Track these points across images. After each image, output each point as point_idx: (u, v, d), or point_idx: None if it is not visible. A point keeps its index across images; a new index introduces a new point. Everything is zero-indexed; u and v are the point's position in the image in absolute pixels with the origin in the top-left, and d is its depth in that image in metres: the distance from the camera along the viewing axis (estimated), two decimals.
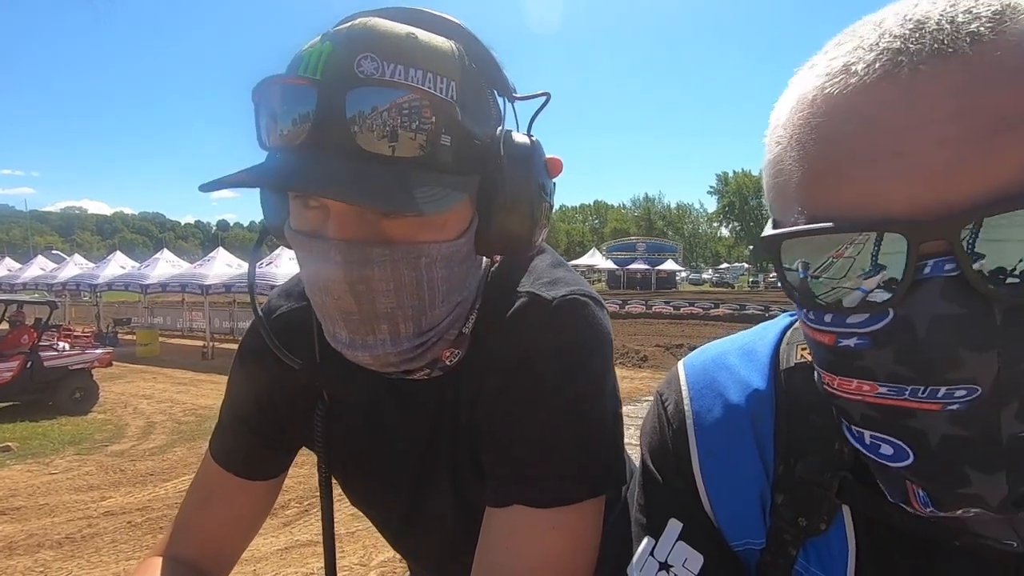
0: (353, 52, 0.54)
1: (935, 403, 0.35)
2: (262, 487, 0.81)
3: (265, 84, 0.56)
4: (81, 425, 7.62)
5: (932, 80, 0.34)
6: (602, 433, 0.66)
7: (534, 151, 0.65)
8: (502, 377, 0.66)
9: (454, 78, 0.57)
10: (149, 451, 6.46)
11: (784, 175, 0.40)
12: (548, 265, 0.72)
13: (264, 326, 0.72)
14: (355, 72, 0.53)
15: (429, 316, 0.62)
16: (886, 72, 0.35)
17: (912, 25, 0.35)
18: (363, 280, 0.57)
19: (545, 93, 0.66)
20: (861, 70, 0.36)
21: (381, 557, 3.88)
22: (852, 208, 0.36)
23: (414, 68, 0.55)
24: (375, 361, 0.62)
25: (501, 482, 0.65)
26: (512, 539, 0.62)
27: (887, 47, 0.35)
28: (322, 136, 0.53)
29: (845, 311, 0.38)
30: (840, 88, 0.37)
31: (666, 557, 0.54)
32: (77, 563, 3.91)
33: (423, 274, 0.59)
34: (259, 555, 3.95)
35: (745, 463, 0.53)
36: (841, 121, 0.36)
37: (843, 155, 0.36)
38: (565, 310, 0.66)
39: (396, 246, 0.57)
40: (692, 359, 0.61)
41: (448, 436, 0.72)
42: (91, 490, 5.26)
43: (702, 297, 29.33)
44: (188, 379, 10.97)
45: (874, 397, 0.38)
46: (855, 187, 0.35)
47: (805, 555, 0.51)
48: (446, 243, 0.60)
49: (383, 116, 0.52)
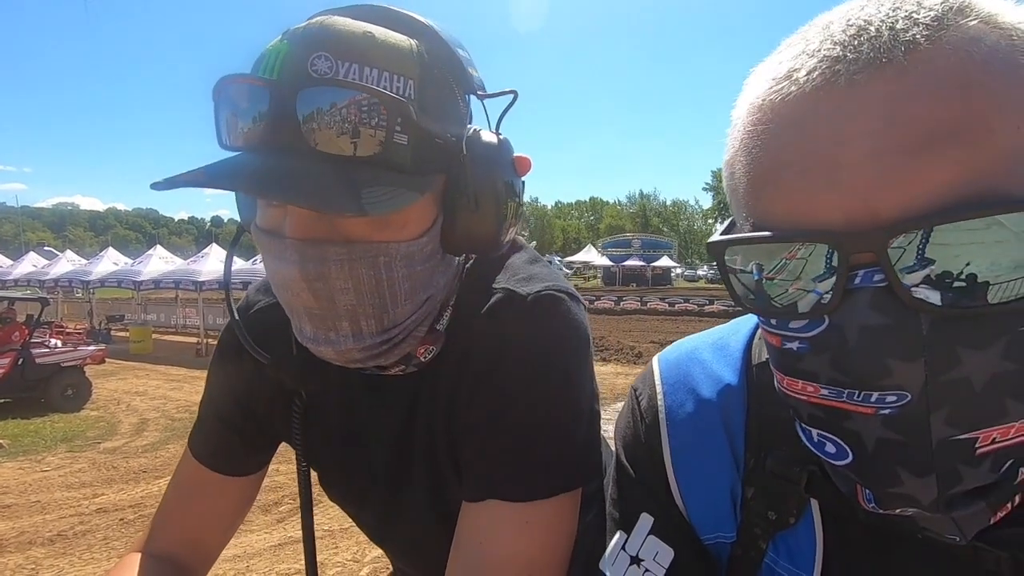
0: (308, 51, 0.54)
1: (869, 407, 0.36)
2: (242, 483, 0.81)
3: (223, 83, 0.56)
4: (73, 422, 7.58)
5: (866, 91, 0.34)
6: (578, 428, 0.66)
7: (500, 149, 0.64)
8: (477, 373, 0.66)
9: (412, 76, 0.57)
10: (142, 448, 6.44)
11: (734, 179, 0.42)
12: (524, 262, 0.72)
13: (236, 321, 0.72)
14: (308, 71, 0.53)
15: (392, 314, 0.62)
16: (824, 81, 0.35)
17: (853, 31, 0.35)
18: (320, 278, 0.57)
19: (512, 91, 0.66)
20: (802, 78, 0.36)
21: (375, 553, 3.88)
22: (788, 218, 0.37)
23: (369, 67, 0.55)
24: (339, 356, 0.62)
25: (475, 477, 0.65)
26: (486, 533, 0.63)
27: (827, 54, 0.35)
28: (275, 136, 0.53)
29: (786, 315, 0.39)
30: (781, 96, 0.37)
31: (637, 551, 0.54)
32: (69, 560, 3.90)
33: (382, 273, 0.59)
34: (252, 551, 3.96)
35: (716, 457, 0.54)
36: (781, 130, 0.37)
37: (782, 164, 0.37)
38: (540, 306, 0.66)
39: (353, 245, 0.57)
40: (667, 354, 0.61)
41: (424, 432, 0.72)
42: (83, 487, 5.24)
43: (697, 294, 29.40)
44: (182, 376, 10.93)
45: (817, 398, 0.39)
46: (792, 197, 0.36)
47: (775, 548, 0.51)
48: (406, 242, 0.60)
49: (335, 116, 0.52)
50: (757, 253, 0.39)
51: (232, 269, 0.77)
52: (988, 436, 0.35)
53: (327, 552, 3.91)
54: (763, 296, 0.39)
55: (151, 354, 13.79)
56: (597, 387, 0.71)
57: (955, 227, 0.32)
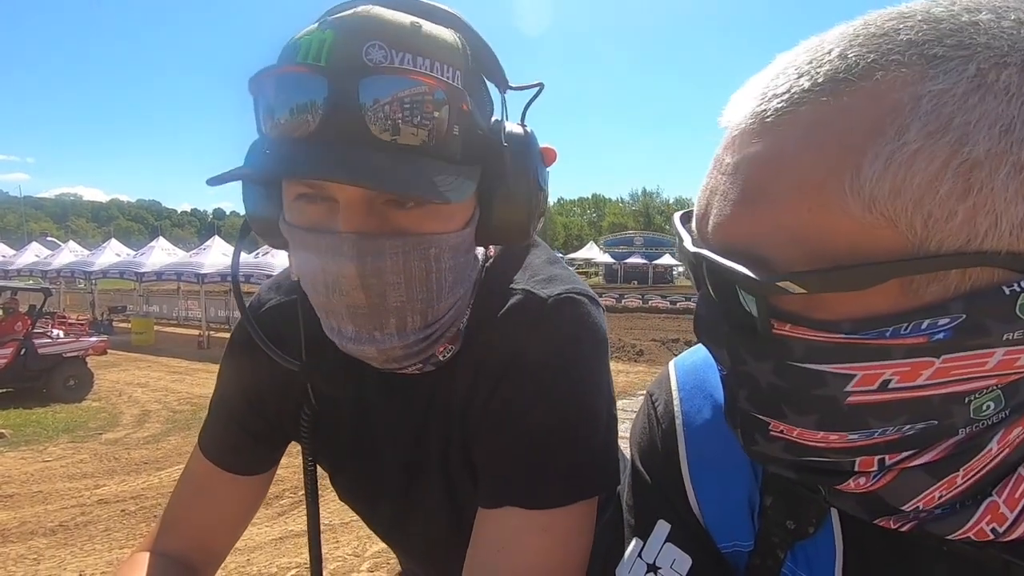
0: (360, 40, 0.53)
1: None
2: (252, 482, 0.81)
3: (266, 73, 0.54)
4: (75, 413, 7.60)
5: (752, 141, 0.37)
6: (596, 434, 0.65)
7: (531, 141, 0.65)
8: (495, 376, 0.66)
9: (459, 68, 0.57)
10: (143, 439, 6.46)
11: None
12: (543, 262, 0.72)
13: (252, 324, 0.71)
14: (364, 60, 0.52)
15: (435, 309, 0.61)
16: (755, 121, 0.37)
17: (797, 66, 0.37)
18: (376, 273, 0.56)
19: (539, 83, 0.66)
20: (749, 109, 0.38)
21: (375, 548, 3.89)
22: (721, 240, 0.40)
23: (422, 57, 0.54)
24: (380, 356, 0.61)
25: (493, 483, 0.65)
26: (503, 540, 0.62)
27: (764, 92, 0.38)
28: (334, 126, 0.52)
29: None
30: (725, 122, 0.40)
31: (654, 559, 0.54)
32: (70, 551, 3.92)
33: (432, 265, 0.59)
34: (253, 545, 3.97)
35: (733, 465, 0.53)
36: (721, 159, 0.40)
37: (716, 191, 0.40)
38: (560, 309, 0.66)
39: (407, 237, 0.57)
40: (683, 359, 0.61)
41: (438, 433, 0.72)
42: (85, 478, 5.26)
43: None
44: (183, 368, 10.95)
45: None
46: (721, 221, 0.40)
47: (793, 558, 0.50)
48: (454, 233, 0.60)
49: (396, 105, 0.52)
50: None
51: (238, 266, 0.75)
52: (776, 425, 0.40)
53: (328, 546, 3.92)
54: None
55: (153, 346, 13.82)
56: (614, 392, 0.70)
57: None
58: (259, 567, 3.72)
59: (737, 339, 0.40)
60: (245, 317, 0.72)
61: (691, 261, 0.41)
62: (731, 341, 0.40)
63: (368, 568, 3.72)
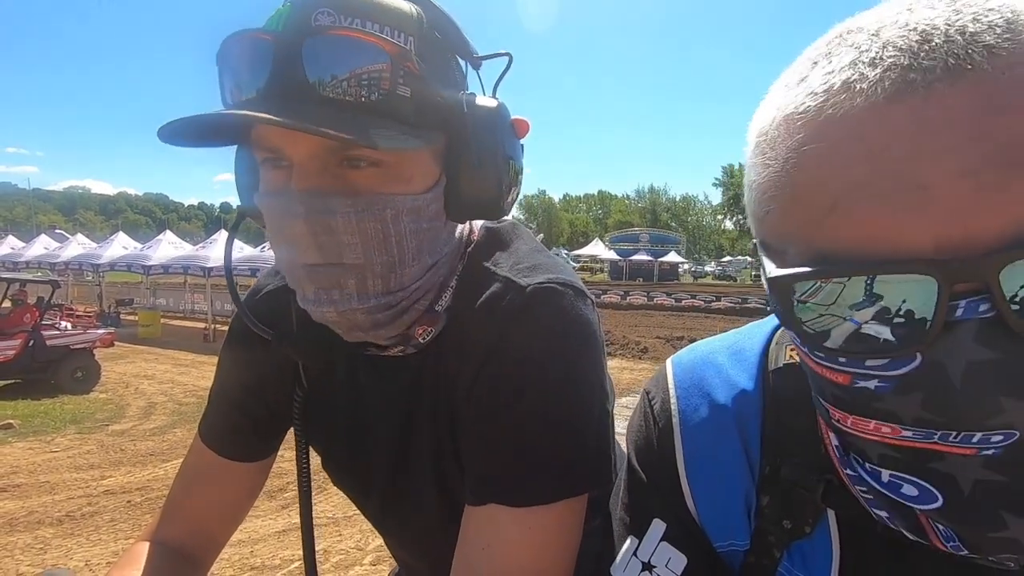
0: (311, 9, 0.56)
1: (969, 448, 0.33)
2: (251, 469, 0.81)
3: (227, 42, 0.57)
4: (82, 404, 7.67)
5: (948, 101, 0.30)
6: (584, 430, 0.63)
7: (499, 111, 0.65)
8: (476, 362, 0.65)
9: (411, 34, 0.58)
10: (149, 431, 6.51)
11: (776, 203, 0.37)
12: (529, 250, 0.71)
13: (237, 299, 0.73)
14: (312, 25, 0.55)
15: (399, 274, 0.61)
16: (897, 91, 0.31)
17: (918, 37, 0.32)
18: (327, 231, 0.57)
19: (506, 53, 0.68)
20: (866, 89, 0.32)
21: (378, 542, 3.91)
22: (864, 245, 0.32)
23: (371, 22, 0.56)
24: (340, 318, 0.61)
25: (477, 480, 0.64)
26: (488, 539, 0.61)
27: (894, 62, 0.32)
28: (279, 85, 0.54)
29: (863, 355, 0.35)
30: (842, 109, 0.33)
31: (649, 557, 0.53)
32: (76, 541, 3.96)
33: (390, 227, 0.59)
34: (256, 537, 4.00)
35: (730, 463, 0.53)
36: (844, 148, 0.33)
37: (849, 187, 0.32)
38: (539, 298, 0.64)
39: (360, 197, 0.57)
40: (680, 357, 0.60)
41: (428, 417, 0.71)
42: (91, 469, 5.31)
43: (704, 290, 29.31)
44: (190, 360, 11.02)
45: (896, 439, 0.36)
46: (866, 223, 0.32)
47: (789, 557, 0.50)
48: (411, 195, 0.60)
49: (340, 64, 0.54)
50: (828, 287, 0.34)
51: (239, 256, 0.77)
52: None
53: (331, 539, 3.94)
54: (809, 323, 0.35)
55: (159, 338, 13.90)
56: (611, 387, 0.69)
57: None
58: (263, 559, 3.74)
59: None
60: (234, 297, 0.74)
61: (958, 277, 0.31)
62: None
63: (371, 561, 3.74)
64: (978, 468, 0.34)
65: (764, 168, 0.38)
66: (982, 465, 0.33)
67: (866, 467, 0.40)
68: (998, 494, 0.34)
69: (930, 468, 0.35)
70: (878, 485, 0.39)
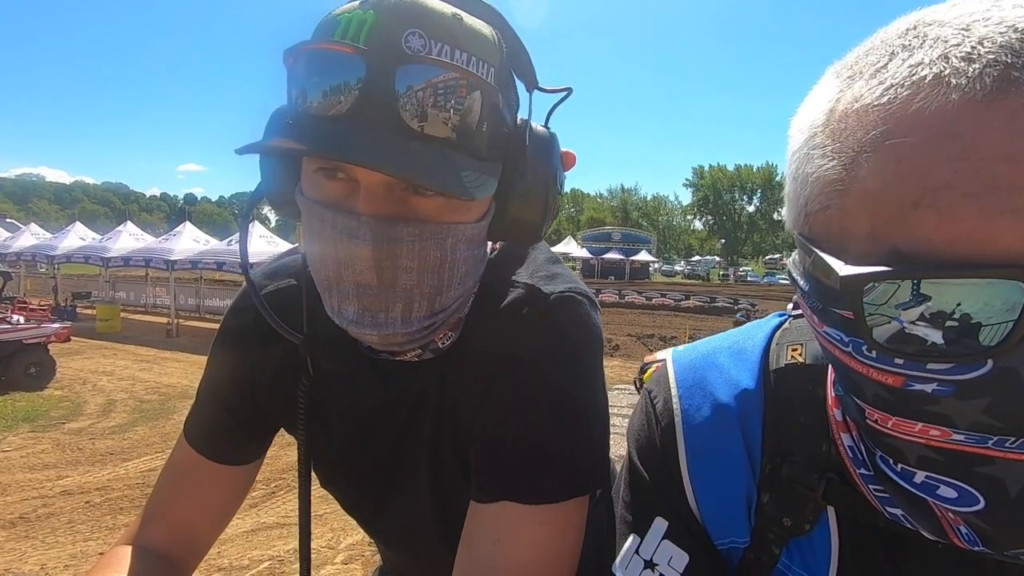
0: (401, 26, 0.52)
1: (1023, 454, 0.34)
2: (238, 472, 0.79)
3: (303, 47, 0.54)
4: (36, 401, 7.34)
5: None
6: (591, 432, 0.66)
7: (553, 143, 0.66)
8: (492, 369, 0.66)
9: (493, 64, 0.57)
10: (109, 429, 6.28)
11: (843, 197, 0.35)
12: (545, 260, 0.73)
13: (260, 300, 0.69)
14: (403, 47, 0.52)
15: (444, 297, 0.61)
16: (997, 89, 0.30)
17: (1019, 35, 0.31)
18: (390, 257, 0.56)
19: (568, 88, 0.67)
20: (963, 84, 0.31)
21: (349, 540, 3.87)
22: (951, 246, 0.31)
23: (460, 50, 0.54)
24: (381, 340, 0.61)
25: (488, 478, 0.64)
26: (498, 535, 0.62)
27: (994, 59, 0.30)
28: (368, 109, 0.52)
29: (925, 357, 0.34)
30: (935, 103, 0.31)
31: (651, 555, 0.54)
32: (31, 543, 3.80)
33: (448, 254, 0.59)
34: (225, 537, 3.89)
35: (732, 462, 0.53)
36: (935, 144, 0.31)
37: (938, 184, 0.31)
38: (561, 307, 0.66)
39: (425, 225, 0.57)
40: (681, 357, 0.61)
41: (429, 423, 0.71)
42: (46, 469, 5.09)
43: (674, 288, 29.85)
44: (151, 356, 10.66)
45: (945, 442, 0.36)
46: (955, 222, 0.31)
47: (788, 555, 0.51)
48: (471, 224, 0.60)
49: (430, 95, 0.52)
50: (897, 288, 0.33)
51: (202, 249, 0.73)
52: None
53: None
54: (906, 336, 0.34)
55: (119, 333, 13.43)
56: (607, 391, 0.70)
57: None
58: (230, 559, 3.66)
59: None
60: (254, 295, 0.71)
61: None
62: None
63: (342, 560, 3.69)
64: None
65: (826, 160, 0.36)
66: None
67: (897, 468, 0.40)
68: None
69: (976, 472, 0.35)
70: (908, 486, 0.39)
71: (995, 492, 0.35)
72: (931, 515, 0.40)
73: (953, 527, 0.39)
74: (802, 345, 0.55)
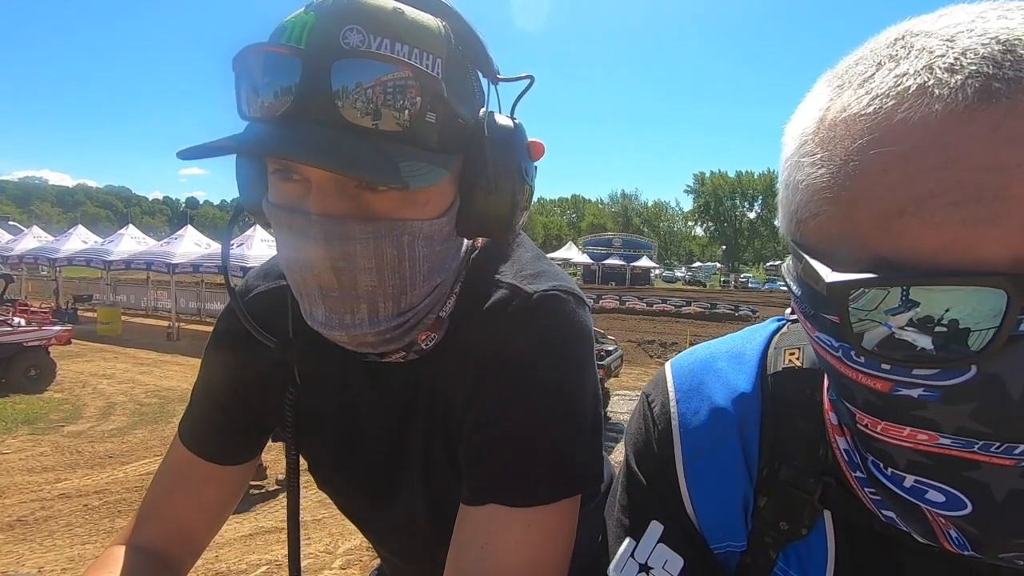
0: (339, 24, 0.53)
1: (1009, 459, 0.34)
2: (232, 472, 0.79)
3: (247, 52, 0.54)
4: (36, 404, 7.35)
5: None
6: (581, 433, 0.65)
7: (517, 133, 0.64)
8: (478, 370, 0.65)
9: (440, 55, 0.57)
10: (109, 432, 6.28)
11: (832, 204, 0.36)
12: (531, 257, 0.72)
13: (238, 303, 0.70)
14: (340, 44, 0.52)
15: (409, 296, 0.61)
16: (979, 99, 0.31)
17: (1000, 46, 0.31)
18: (344, 257, 0.56)
19: (529, 76, 0.66)
20: (946, 95, 0.31)
21: (347, 545, 3.86)
22: (935, 254, 0.31)
23: (400, 43, 0.54)
24: (351, 340, 0.61)
25: (476, 480, 0.64)
26: (486, 538, 0.61)
27: (976, 70, 0.31)
28: (306, 107, 0.52)
29: (911, 363, 0.34)
30: (918, 113, 0.32)
31: (646, 559, 0.54)
32: (29, 546, 3.79)
33: (405, 252, 0.58)
34: (222, 541, 3.89)
35: (729, 466, 0.53)
36: (920, 153, 0.32)
37: (922, 193, 0.31)
38: (545, 305, 0.65)
39: (379, 222, 0.56)
40: (680, 361, 0.61)
41: (421, 424, 0.71)
42: (45, 471, 5.09)
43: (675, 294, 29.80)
44: (152, 360, 10.67)
45: (932, 447, 0.36)
46: (939, 231, 0.31)
47: (785, 559, 0.51)
48: (428, 221, 0.59)
49: (368, 90, 0.52)
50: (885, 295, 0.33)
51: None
52: None
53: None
54: (894, 341, 0.34)
55: (120, 336, 13.44)
56: (599, 391, 0.70)
57: None
58: (228, 564, 3.65)
59: None
60: (232, 297, 0.71)
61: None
62: None
63: (340, 565, 3.68)
64: (1016, 478, 0.34)
65: (816, 168, 0.37)
66: (1021, 475, 0.34)
67: (887, 472, 0.40)
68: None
69: (963, 476, 0.35)
70: (898, 489, 0.40)
71: (982, 496, 0.35)
72: (922, 519, 0.40)
73: (944, 531, 0.39)
74: (800, 349, 0.55)
